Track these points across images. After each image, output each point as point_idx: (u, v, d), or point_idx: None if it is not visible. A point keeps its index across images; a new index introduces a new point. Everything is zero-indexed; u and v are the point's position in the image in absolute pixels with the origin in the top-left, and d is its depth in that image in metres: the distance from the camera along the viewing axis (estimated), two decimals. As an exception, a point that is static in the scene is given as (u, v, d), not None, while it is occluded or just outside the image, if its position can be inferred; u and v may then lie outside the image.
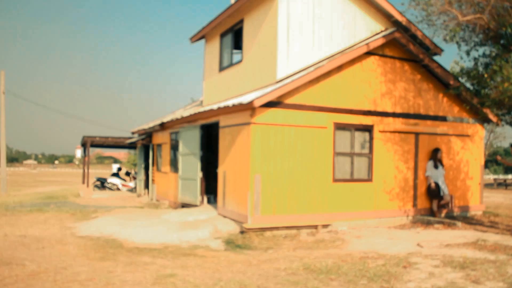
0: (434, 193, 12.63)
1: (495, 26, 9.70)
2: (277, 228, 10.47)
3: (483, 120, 13.84)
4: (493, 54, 10.20)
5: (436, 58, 13.01)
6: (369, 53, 11.86)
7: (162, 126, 17.12)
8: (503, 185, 31.69)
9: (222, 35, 14.39)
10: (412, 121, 12.59)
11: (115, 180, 26.52)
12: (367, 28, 12.55)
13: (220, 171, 12.19)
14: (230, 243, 9.73)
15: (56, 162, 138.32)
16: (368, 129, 11.94)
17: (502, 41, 10.00)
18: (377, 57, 12.06)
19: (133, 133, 21.60)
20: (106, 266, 7.17)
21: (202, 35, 15.62)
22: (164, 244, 9.50)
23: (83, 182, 24.56)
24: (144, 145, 20.82)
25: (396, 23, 12.67)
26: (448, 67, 13.13)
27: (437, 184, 12.62)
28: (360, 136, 11.93)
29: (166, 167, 17.18)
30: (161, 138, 17.99)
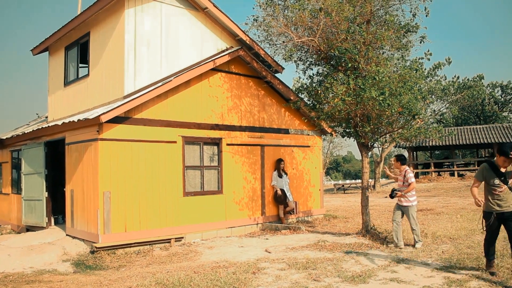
0: (280, 200, 13.45)
1: (326, 48, 10.79)
2: (129, 245, 10.33)
3: (321, 132, 15.19)
4: (325, 73, 11.31)
5: (278, 75, 14.04)
6: (216, 70, 12.34)
7: (2, 144, 15.80)
8: (342, 189, 34.95)
9: (67, 48, 13.81)
10: (257, 134, 13.34)
11: None
12: (214, 46, 13.06)
13: (68, 189, 11.67)
14: (80, 265, 9.36)
15: None
16: (217, 142, 12.37)
17: (332, 62, 11.14)
18: (223, 74, 12.60)
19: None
20: None
21: (45, 47, 14.79)
22: (4, 273, 8.76)
23: None
24: (-19, 165, 18.95)
25: (241, 41, 13.38)
26: (291, 84, 14.20)
27: (283, 192, 13.46)
28: (209, 150, 12.31)
29: (7, 188, 15.85)
30: (1, 156, 16.58)
